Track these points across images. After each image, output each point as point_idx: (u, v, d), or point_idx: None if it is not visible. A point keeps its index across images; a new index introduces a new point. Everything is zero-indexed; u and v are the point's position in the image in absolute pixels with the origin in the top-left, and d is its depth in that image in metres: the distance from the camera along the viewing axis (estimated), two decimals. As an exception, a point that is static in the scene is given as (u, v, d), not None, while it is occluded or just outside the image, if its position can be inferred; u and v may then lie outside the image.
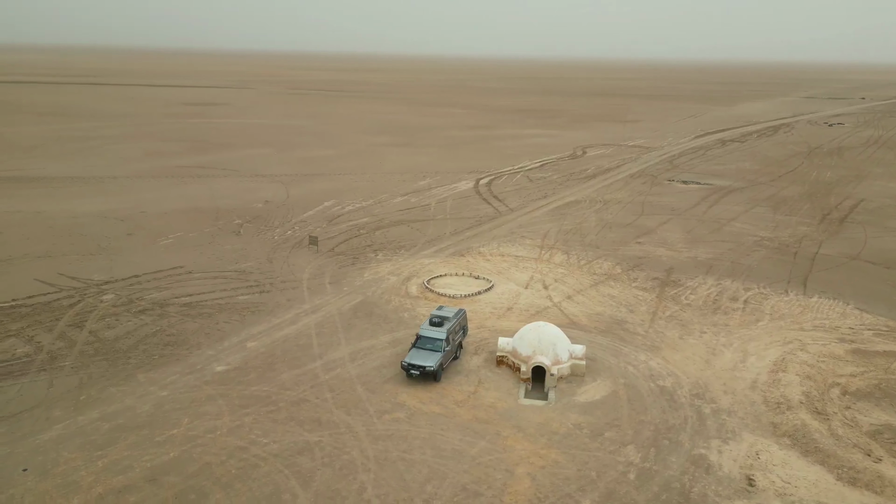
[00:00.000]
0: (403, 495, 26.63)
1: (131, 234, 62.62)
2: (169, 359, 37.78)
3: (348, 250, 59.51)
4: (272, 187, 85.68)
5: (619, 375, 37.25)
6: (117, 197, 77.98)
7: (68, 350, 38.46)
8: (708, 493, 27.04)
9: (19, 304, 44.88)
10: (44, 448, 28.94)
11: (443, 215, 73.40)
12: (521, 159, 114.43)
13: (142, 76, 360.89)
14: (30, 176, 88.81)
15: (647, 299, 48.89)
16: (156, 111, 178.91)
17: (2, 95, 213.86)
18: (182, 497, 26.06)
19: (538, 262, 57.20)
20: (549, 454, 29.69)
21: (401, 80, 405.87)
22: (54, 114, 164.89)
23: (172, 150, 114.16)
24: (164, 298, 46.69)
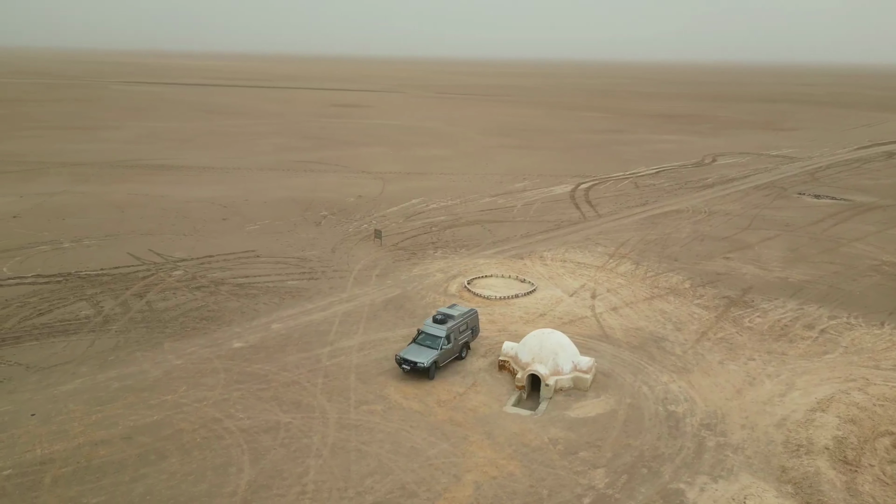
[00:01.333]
0: (340, 485, 26.62)
1: (226, 219, 68.22)
2: (198, 332, 40.76)
3: (411, 246, 60.26)
4: (372, 183, 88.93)
5: (627, 394, 34.32)
6: (232, 185, 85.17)
7: (121, 316, 42.84)
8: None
9: (104, 273, 50.71)
10: (57, 398, 32.55)
11: (523, 218, 71.84)
12: (637, 165, 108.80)
13: (299, 80, 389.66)
14: (172, 164, 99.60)
15: (703, 318, 44.47)
16: (304, 111, 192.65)
17: (182, 96, 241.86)
18: (143, 457, 28.07)
19: (600, 270, 54.14)
20: (507, 465, 28.14)
21: (551, 84, 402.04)
22: (217, 112, 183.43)
23: (301, 145, 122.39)
24: (222, 278, 50.39)
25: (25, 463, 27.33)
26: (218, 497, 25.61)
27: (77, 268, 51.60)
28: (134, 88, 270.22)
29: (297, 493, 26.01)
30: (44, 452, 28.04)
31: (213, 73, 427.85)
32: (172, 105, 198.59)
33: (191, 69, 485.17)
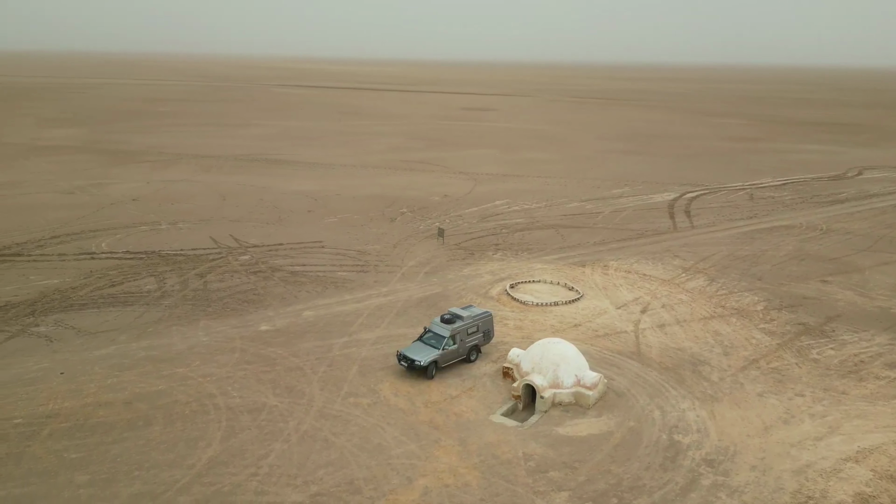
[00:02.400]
0: (292, 471, 26.73)
1: (311, 211, 71.40)
2: (235, 313, 42.95)
3: (473, 246, 59.36)
4: (464, 183, 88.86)
5: (633, 417, 31.32)
6: (331, 180, 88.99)
7: (177, 293, 46.24)
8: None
9: (181, 254, 55.03)
10: (87, 361, 35.75)
11: (605, 225, 68.16)
12: (763, 175, 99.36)
13: (437, 84, 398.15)
14: (288, 159, 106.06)
15: (761, 344, 39.53)
16: (431, 113, 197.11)
17: (326, 98, 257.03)
18: (133, 422, 30.00)
19: (665, 284, 49.98)
20: (466, 475, 26.74)
21: (701, 89, 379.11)
22: (350, 113, 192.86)
23: (413, 146, 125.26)
24: (280, 265, 52.73)
25: (36, 415, 30.32)
26: (177, 468, 26.76)
27: (161, 247, 56.49)
28: (288, 91, 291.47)
29: (249, 473, 26.51)
30: (54, 408, 30.94)
31: (359, 78, 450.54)
32: (313, 106, 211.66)
33: (340, 74, 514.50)
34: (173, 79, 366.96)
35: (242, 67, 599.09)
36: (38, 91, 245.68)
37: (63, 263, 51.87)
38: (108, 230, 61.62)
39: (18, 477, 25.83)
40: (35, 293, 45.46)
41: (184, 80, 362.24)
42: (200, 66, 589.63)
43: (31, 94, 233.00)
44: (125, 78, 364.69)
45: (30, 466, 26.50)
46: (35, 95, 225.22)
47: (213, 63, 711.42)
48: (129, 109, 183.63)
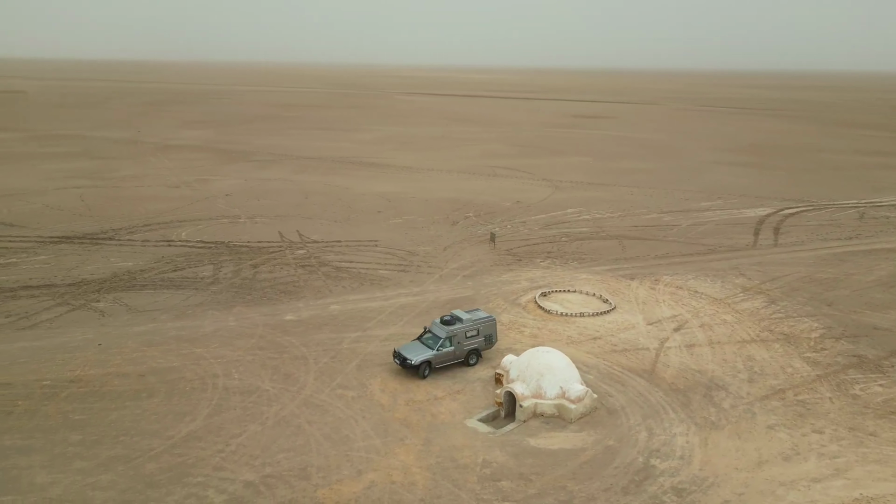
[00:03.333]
0: (256, 452, 28.02)
1: (380, 212, 73.61)
2: (269, 302, 45.44)
3: (523, 252, 58.44)
4: (542, 191, 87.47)
5: (615, 436, 29.66)
6: (412, 183, 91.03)
7: (227, 280, 49.65)
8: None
9: (246, 245, 58.93)
10: (125, 336, 39.42)
11: (676, 238, 64.41)
12: (885, 194, 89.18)
13: (558, 91, 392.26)
14: (380, 163, 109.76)
15: (797, 374, 35.80)
16: (540, 121, 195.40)
17: (441, 106, 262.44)
18: (138, 393, 32.78)
19: (715, 303, 46.54)
20: (416, 474, 26.69)
21: (844, 98, 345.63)
22: (459, 120, 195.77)
23: (507, 152, 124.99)
24: (329, 260, 54.97)
25: (62, 378, 34.01)
26: (157, 438, 28.98)
27: (231, 239, 60.85)
28: (409, 98, 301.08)
29: (216, 450, 28.15)
30: (79, 374, 34.55)
31: (483, 86, 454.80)
32: (426, 113, 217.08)
33: (465, 82, 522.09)
34: (311, 86, 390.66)
35: (375, 76, 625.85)
36: (188, 96, 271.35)
37: (143, 249, 57.41)
38: (193, 221, 67.27)
39: (25, 430, 29.22)
40: (109, 273, 50.77)
41: (320, 87, 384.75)
42: (336, 75, 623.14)
43: (184, 98, 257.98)
44: (269, 85, 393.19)
45: (38, 423, 29.87)
46: (183, 100, 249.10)
47: (348, 72, 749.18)
48: (262, 114, 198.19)
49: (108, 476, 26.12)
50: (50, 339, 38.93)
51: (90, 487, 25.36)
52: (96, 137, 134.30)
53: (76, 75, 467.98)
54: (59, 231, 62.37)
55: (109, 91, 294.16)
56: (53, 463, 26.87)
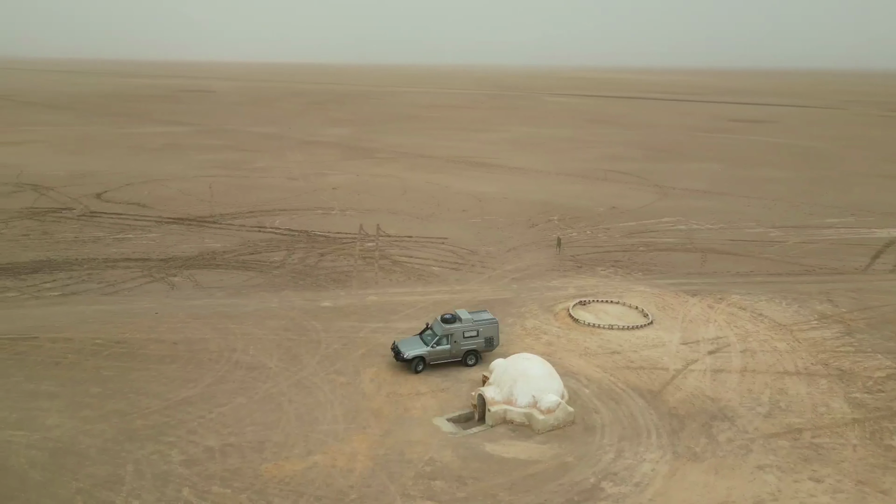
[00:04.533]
0: (229, 422, 30.37)
1: (465, 211, 74.38)
2: (316, 288, 48.21)
3: (589, 260, 56.19)
4: (647, 197, 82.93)
5: (578, 454, 28.22)
6: (511, 184, 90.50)
7: (292, 266, 53.32)
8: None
9: (325, 236, 62.66)
10: (179, 307, 44.05)
11: (772, 256, 58.23)
12: None
13: (719, 93, 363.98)
14: (491, 163, 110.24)
15: (828, 415, 31.40)
16: (686, 124, 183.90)
17: (585, 107, 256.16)
18: (163, 358, 36.65)
19: (776, 328, 41.83)
20: (359, 462, 27.48)
21: None
22: (597, 121, 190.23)
23: (631, 156, 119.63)
24: (391, 254, 56.85)
25: (111, 339, 38.97)
26: (157, 399, 32.39)
27: (315, 228, 65.08)
28: (556, 100, 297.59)
29: (199, 416, 30.93)
30: (126, 336, 39.37)
31: (639, 87, 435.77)
32: (567, 115, 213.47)
33: (625, 83, 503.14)
34: (467, 88, 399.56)
35: (536, 77, 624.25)
36: (348, 97, 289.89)
37: (236, 232, 63.34)
38: (291, 210, 72.75)
39: (61, 379, 34.10)
40: (196, 252, 56.78)
41: (475, 89, 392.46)
42: (499, 77, 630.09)
43: (343, 99, 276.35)
44: (428, 86, 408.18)
45: (74, 374, 34.70)
46: (342, 101, 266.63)
47: (512, 74, 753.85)
48: (404, 114, 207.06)
49: (101, 426, 29.87)
50: (122, 304, 44.73)
51: (83, 434, 29.20)
52: (252, 133, 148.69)
53: (274, 77, 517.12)
54: (177, 213, 70.66)
55: (283, 91, 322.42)
56: (67, 409, 31.24)
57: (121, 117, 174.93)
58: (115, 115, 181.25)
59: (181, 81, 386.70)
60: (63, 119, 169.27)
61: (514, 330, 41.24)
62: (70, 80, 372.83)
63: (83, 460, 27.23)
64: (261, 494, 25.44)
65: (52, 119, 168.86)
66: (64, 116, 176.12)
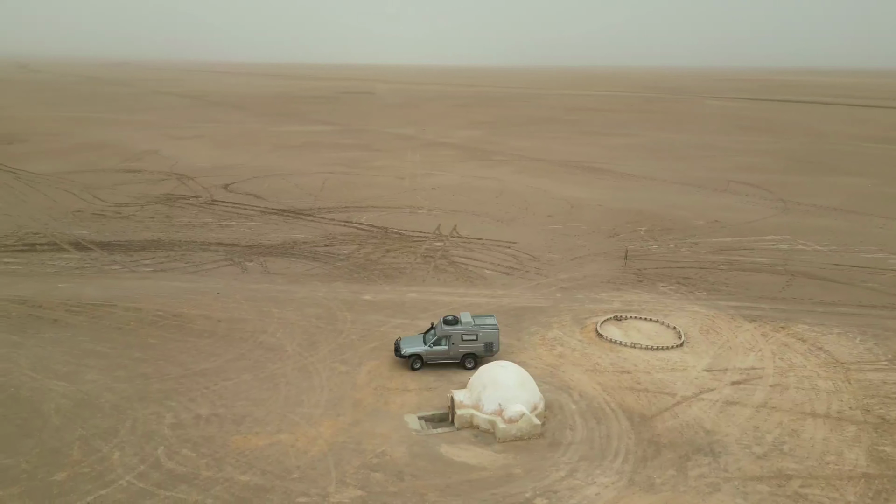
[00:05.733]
0: (227, 395, 33.48)
1: (550, 216, 73.15)
2: (366, 282, 50.59)
3: (655, 275, 53.05)
4: (762, 212, 75.88)
5: (528, 467, 27.68)
6: (611, 191, 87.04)
7: (356, 259, 56.26)
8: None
9: (400, 233, 65.06)
10: (240, 290, 48.48)
11: (879, 285, 51.11)
12: None
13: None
14: (604, 168, 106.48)
15: (838, 465, 27.69)
16: (856, 133, 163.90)
17: (741, 110, 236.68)
18: (202, 332, 40.90)
19: (830, 365, 37.14)
20: (316, 446, 29.25)
21: None
22: (745, 127, 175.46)
23: (765, 166, 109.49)
24: (453, 254, 57.83)
25: (170, 312, 44.07)
26: (178, 367, 36.41)
27: (394, 226, 67.80)
28: (719, 103, 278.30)
29: (204, 387, 34.39)
30: (183, 311, 44.30)
31: (828, 90, 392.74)
32: (719, 119, 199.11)
33: (800, 85, 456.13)
34: (622, 90, 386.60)
35: (706, 79, 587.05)
36: (493, 99, 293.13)
37: (323, 225, 67.88)
38: (383, 207, 76.26)
39: (114, 342, 39.43)
40: (280, 241, 61.82)
41: (630, 91, 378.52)
42: (662, 79, 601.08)
43: (488, 101, 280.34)
44: (582, 88, 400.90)
45: (127, 339, 39.93)
46: (487, 103, 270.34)
47: (680, 75, 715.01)
48: (542, 116, 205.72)
49: (124, 386, 34.34)
50: (196, 283, 50.30)
51: (108, 390, 33.80)
52: (388, 133, 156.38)
53: (438, 80, 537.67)
54: (282, 205, 77.06)
55: (437, 94, 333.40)
56: (107, 368, 36.22)
57: (279, 116, 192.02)
58: (275, 114, 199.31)
59: (348, 84, 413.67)
60: (232, 117, 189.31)
61: (532, 339, 40.67)
62: (254, 83, 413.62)
63: (96, 412, 31.68)
64: (218, 462, 28.06)
65: (224, 117, 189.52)
66: (235, 115, 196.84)
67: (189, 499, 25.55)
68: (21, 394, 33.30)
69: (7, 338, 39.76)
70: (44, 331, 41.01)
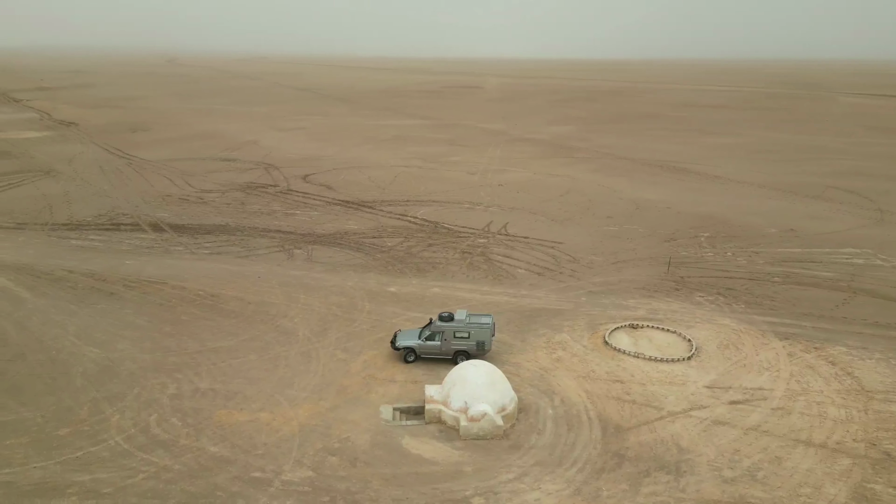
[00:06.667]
0: (229, 372, 36.07)
1: (610, 217, 70.98)
2: (400, 274, 52.00)
3: (697, 284, 50.40)
4: (849, 222, 69.38)
5: (478, 466, 28.02)
6: (686, 193, 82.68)
7: (396, 252, 57.78)
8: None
9: (450, 228, 65.82)
10: (279, 275, 51.44)
11: (949, 307, 45.62)
12: None
13: None
14: (692, 169, 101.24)
15: (814, 499, 25.39)
16: None
17: (875, 109, 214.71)
18: (230, 312, 44.02)
19: (851, 393, 33.95)
20: (289, 426, 31.20)
21: None
22: (876, 128, 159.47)
23: (880, 172, 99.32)
24: (493, 252, 57.90)
25: (209, 293, 47.69)
26: (197, 343, 39.56)
27: (447, 221, 68.69)
28: (857, 100, 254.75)
29: (212, 363, 37.23)
30: (220, 292, 47.76)
31: None
32: (844, 119, 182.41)
33: None
34: (742, 85, 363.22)
35: (847, 74, 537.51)
36: (599, 94, 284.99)
37: (379, 218, 70.06)
38: (442, 202, 77.33)
39: (152, 315, 43.39)
40: (333, 231, 64.64)
41: (751, 86, 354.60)
42: (795, 73, 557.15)
43: (592, 95, 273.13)
44: (696, 83, 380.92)
45: (165, 315, 43.80)
46: (589, 97, 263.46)
47: (822, 69, 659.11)
48: (645, 112, 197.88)
49: (146, 357, 37.90)
50: (243, 266, 53.95)
51: (130, 360, 37.46)
52: (478, 128, 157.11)
53: (552, 74, 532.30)
54: (348, 197, 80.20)
55: (542, 88, 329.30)
56: (137, 340, 40.06)
57: (380, 110, 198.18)
58: (377, 108, 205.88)
59: (460, 78, 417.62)
60: (338, 110, 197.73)
61: (537, 341, 40.32)
62: (371, 77, 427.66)
63: (113, 378, 35.31)
64: (198, 433, 30.56)
65: (331, 110, 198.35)
66: (340, 108, 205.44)
67: (160, 462, 28.17)
68: (59, 357, 37.75)
69: (66, 306, 44.98)
70: (99, 302, 45.95)
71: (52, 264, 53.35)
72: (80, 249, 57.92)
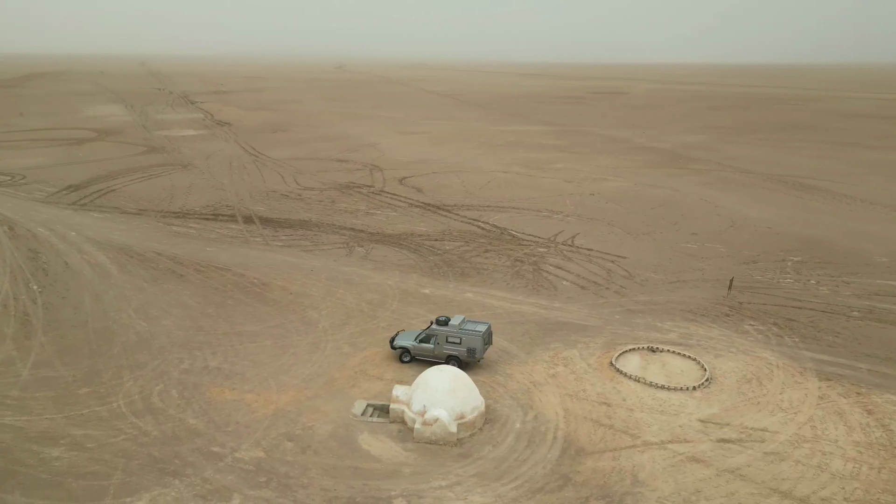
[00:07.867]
0: (241, 354, 38.89)
1: (694, 234, 66.15)
2: (439, 277, 52.74)
3: (752, 311, 45.81)
4: None
5: (418, 469, 28.12)
6: (792, 210, 74.68)
7: (448, 256, 58.38)
8: None
9: (514, 235, 65.12)
10: (331, 269, 54.13)
11: None
12: None
13: None
14: (805, 184, 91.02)
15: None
16: None
17: None
18: (270, 300, 47.15)
19: (878, 447, 29.38)
20: (265, 409, 33.31)
21: None
22: None
23: None
24: (545, 262, 56.61)
25: (262, 281, 51.38)
26: (229, 326, 42.97)
27: (514, 228, 67.97)
28: None
29: (231, 344, 40.41)
30: (269, 281, 51.28)
31: None
32: None
33: None
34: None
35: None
36: (753, 102, 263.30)
37: (450, 221, 70.93)
38: (519, 209, 76.51)
39: (205, 298, 47.71)
40: (401, 232, 66.56)
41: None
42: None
43: (748, 104, 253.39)
44: (882, 91, 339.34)
45: (214, 298, 47.98)
46: (744, 105, 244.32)
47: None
48: (803, 123, 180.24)
49: (180, 333, 41.94)
50: (303, 259, 57.46)
51: (166, 335, 41.65)
52: (600, 135, 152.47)
53: (710, 80, 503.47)
54: (432, 200, 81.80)
55: (690, 95, 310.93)
56: (181, 318, 44.36)
57: (509, 116, 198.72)
58: (507, 113, 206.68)
59: (610, 83, 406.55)
60: (468, 115, 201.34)
61: (543, 355, 39.13)
62: (517, 83, 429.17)
63: (144, 350, 39.57)
64: (187, 403, 33.52)
65: (461, 115, 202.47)
66: (471, 113, 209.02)
67: (144, 427, 31.37)
68: (113, 327, 42.95)
69: (140, 283, 50.86)
70: (168, 282, 51.41)
71: (147, 246, 60.42)
72: (176, 235, 64.96)
